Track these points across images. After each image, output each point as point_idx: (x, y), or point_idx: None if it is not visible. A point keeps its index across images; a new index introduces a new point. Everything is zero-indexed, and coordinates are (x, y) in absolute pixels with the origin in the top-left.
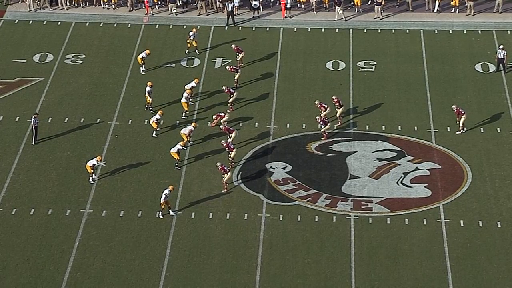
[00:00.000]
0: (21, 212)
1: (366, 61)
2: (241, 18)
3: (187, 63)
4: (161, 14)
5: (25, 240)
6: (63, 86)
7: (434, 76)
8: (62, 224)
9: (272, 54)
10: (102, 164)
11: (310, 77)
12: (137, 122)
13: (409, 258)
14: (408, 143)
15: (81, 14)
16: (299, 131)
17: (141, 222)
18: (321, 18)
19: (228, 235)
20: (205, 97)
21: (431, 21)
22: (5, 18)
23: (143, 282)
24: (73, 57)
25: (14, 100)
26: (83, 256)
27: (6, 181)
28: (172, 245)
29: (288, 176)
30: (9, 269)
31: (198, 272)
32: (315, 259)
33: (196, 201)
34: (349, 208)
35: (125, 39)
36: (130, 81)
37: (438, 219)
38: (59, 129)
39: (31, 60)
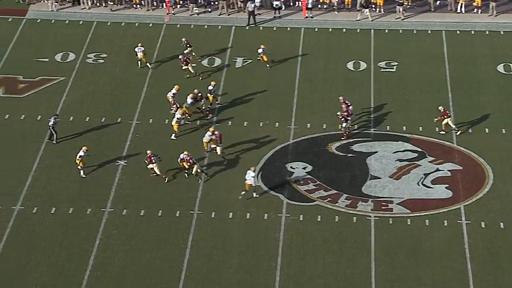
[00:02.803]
0: (42, 210)
1: (387, 62)
2: (262, 18)
3: (208, 63)
4: (182, 14)
5: (46, 239)
6: (84, 85)
7: (456, 77)
8: (83, 223)
9: (293, 54)
10: (122, 163)
11: (331, 77)
12: (157, 121)
13: (430, 259)
14: (429, 144)
15: (102, 13)
16: (320, 131)
17: (161, 221)
18: (343, 18)
19: (248, 235)
20: (226, 97)
21: (453, 21)
22: (27, 18)
23: (163, 281)
24: (95, 56)
25: (36, 99)
26: (104, 255)
27: (28, 180)
28: (192, 245)
29: (308, 176)
30: (30, 268)
31: (217, 272)
32: (335, 259)
33: (216, 201)
34: (369, 209)
35: (146, 39)
36: (151, 81)
37: (459, 220)
38: (80, 128)
39: (53, 59)
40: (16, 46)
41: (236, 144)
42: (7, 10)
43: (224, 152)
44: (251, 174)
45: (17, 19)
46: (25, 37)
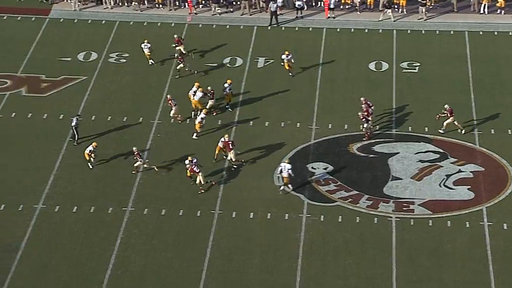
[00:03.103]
0: (64, 209)
1: (409, 62)
2: (284, 18)
3: (229, 63)
4: (204, 14)
5: (68, 237)
6: (106, 85)
7: (479, 77)
8: (104, 222)
9: (315, 54)
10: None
11: (352, 77)
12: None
13: (451, 261)
14: (451, 145)
15: (125, 13)
16: (341, 131)
17: (182, 220)
18: (365, 19)
19: (268, 235)
20: (247, 97)
21: (476, 22)
22: (50, 17)
23: (184, 280)
24: (117, 56)
25: (59, 98)
26: (125, 254)
27: (50, 178)
28: (213, 244)
29: (329, 177)
30: (51, 266)
31: (238, 272)
32: (356, 260)
33: (237, 201)
34: (390, 210)
35: (168, 38)
36: (173, 80)
37: (481, 222)
38: (102, 127)
39: (75, 59)
40: (39, 46)
41: (258, 144)
42: (30, 9)
43: (237, 160)
44: (287, 166)
45: (40, 19)
46: (48, 37)
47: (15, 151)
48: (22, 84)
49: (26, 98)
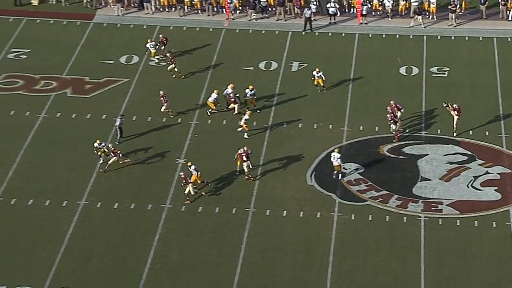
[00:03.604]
0: (106, 205)
1: (439, 67)
2: (318, 24)
3: (265, 66)
4: (241, 19)
5: (109, 233)
6: (147, 87)
7: (506, 82)
8: (144, 218)
9: (347, 59)
10: (182, 162)
11: (383, 81)
12: (216, 122)
13: (478, 260)
14: (479, 148)
15: (165, 18)
16: (372, 133)
17: (218, 217)
18: (396, 25)
19: (301, 232)
20: (282, 99)
21: (505, 29)
22: (94, 22)
23: (219, 275)
24: (158, 59)
25: (102, 99)
26: (163, 249)
27: (92, 176)
28: (247, 241)
29: (360, 177)
30: (93, 259)
31: (271, 267)
32: (385, 258)
33: (271, 199)
34: (419, 209)
35: (206, 43)
36: (211, 83)
37: (507, 222)
38: (142, 128)
39: (117, 62)
40: (83, 49)
41: (291, 145)
42: (75, 14)
43: (248, 173)
44: (337, 156)
45: (85, 23)
46: (91, 41)
47: (60, 149)
48: (67, 85)
49: (71, 99)
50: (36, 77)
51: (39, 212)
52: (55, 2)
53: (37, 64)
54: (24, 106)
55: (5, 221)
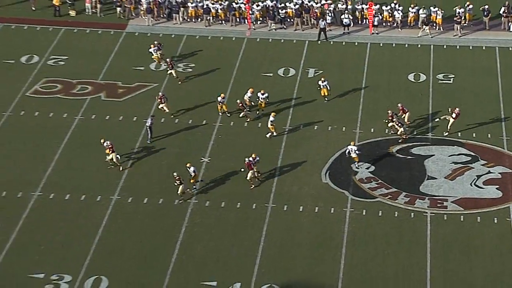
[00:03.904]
0: (136, 200)
1: (445, 74)
2: (332, 34)
3: (283, 73)
4: (262, 29)
5: (139, 225)
6: (174, 91)
7: (508, 88)
8: (171, 212)
9: (360, 66)
10: (206, 160)
11: (393, 87)
12: (238, 124)
13: (481, 254)
14: (481, 149)
15: (192, 28)
16: (382, 135)
17: (239, 212)
18: (405, 35)
19: (316, 226)
20: (299, 103)
21: (506, 39)
22: (126, 31)
23: (240, 266)
24: (184, 65)
25: (133, 102)
26: (188, 241)
27: (124, 173)
28: (266, 234)
29: (371, 175)
30: (124, 250)
31: (288, 259)
32: (394, 250)
33: (288, 195)
34: (426, 206)
35: (230, 51)
36: (233, 88)
37: (508, 218)
38: (170, 129)
39: (147, 68)
40: (116, 56)
41: (307, 145)
42: (109, 24)
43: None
44: (354, 148)
45: (118, 32)
46: (124, 48)
47: (94, 148)
48: (102, 89)
49: (105, 102)
50: (73, 81)
51: (75, 206)
52: (91, 13)
53: (74, 70)
54: (62, 108)
55: (44, 214)
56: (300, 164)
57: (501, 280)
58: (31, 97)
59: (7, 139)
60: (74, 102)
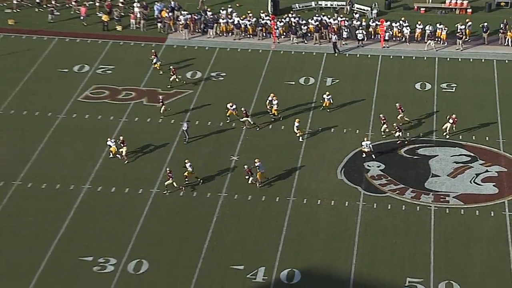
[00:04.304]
0: (173, 193)
1: (448, 84)
2: (348, 47)
3: (304, 81)
4: (285, 43)
5: (176, 215)
6: (208, 97)
7: (504, 97)
8: (204, 204)
9: (372, 76)
10: (235, 158)
11: (402, 95)
12: (263, 127)
13: (478, 243)
14: (480, 150)
15: (223, 41)
16: (391, 137)
17: (264, 205)
18: (413, 49)
19: (332, 218)
20: (318, 108)
21: (503, 53)
22: (166, 44)
23: (265, 252)
24: (216, 74)
25: (171, 107)
26: (219, 230)
27: (162, 169)
28: (288, 224)
29: (381, 173)
30: (162, 238)
31: (307, 247)
32: (402, 240)
33: (308, 190)
34: (430, 200)
35: (257, 62)
36: (260, 95)
37: (503, 212)
38: (204, 131)
39: (184, 76)
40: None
41: (325, 146)
42: (151, 38)
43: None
44: (367, 143)
45: (159, 45)
46: (164, 59)
47: (137, 147)
48: (144, 95)
49: (146, 106)
50: (119, 88)
51: (120, 198)
52: (135, 28)
53: (120, 78)
54: (109, 112)
55: (93, 205)
56: (318, 163)
57: (497, 266)
58: (82, 101)
59: (61, 138)
60: (120, 106)
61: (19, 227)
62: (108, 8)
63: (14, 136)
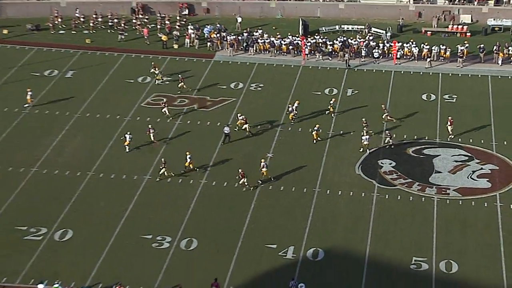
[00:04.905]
0: (218, 184)
1: (449, 95)
2: (366, 63)
3: (328, 92)
4: (313, 60)
5: (220, 202)
6: (248, 104)
7: (496, 107)
8: (244, 193)
9: (386, 88)
10: (270, 156)
11: (410, 104)
12: (294, 129)
13: (474, 229)
14: (476, 151)
15: (262, 58)
16: (401, 139)
17: (294, 194)
18: (421, 65)
19: (350, 206)
20: (340, 114)
21: (496, 70)
22: (214, 59)
23: (293, 236)
24: (255, 85)
25: (217, 112)
26: (256, 215)
27: (209, 163)
28: (314, 211)
29: (392, 169)
30: (208, 221)
31: (329, 229)
32: (408, 226)
33: (330, 182)
34: (433, 193)
35: (289, 75)
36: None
37: (495, 203)
38: (243, 133)
39: (229, 86)
40: (207, 77)
41: (346, 147)
42: (202, 54)
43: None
44: (367, 137)
45: (208, 60)
46: (212, 72)
47: (189, 145)
48: (195, 102)
49: (197, 111)
50: (174, 96)
51: (175, 187)
52: (189, 46)
53: (176, 87)
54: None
55: (153, 193)
56: (340, 160)
57: (489, 249)
58: (144, 107)
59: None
60: (175, 111)
61: (92, 210)
62: (168, 29)
63: (89, 134)
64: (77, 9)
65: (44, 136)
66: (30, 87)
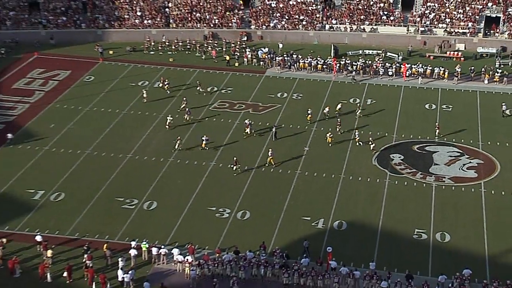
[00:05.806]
0: (266, 170)
1: (447, 105)
2: (381, 79)
3: (353, 101)
4: (342, 76)
5: (269, 184)
6: (290, 110)
7: (483, 115)
8: (285, 177)
9: (397, 99)
10: (307, 149)
11: (416, 112)
12: (325, 129)
13: (464, 210)
14: (467, 149)
15: (301, 74)
16: (408, 138)
17: (325, 179)
18: (425, 82)
19: (368, 190)
20: (361, 117)
21: (484, 87)
22: (265, 75)
23: (323, 209)
24: (296, 95)
25: (267, 115)
26: (295, 194)
27: (260, 155)
28: (339, 193)
29: (401, 161)
30: (258, 197)
31: (351, 206)
32: (413, 207)
33: (353, 170)
34: (432, 180)
35: (322, 88)
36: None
37: (480, 189)
38: (287, 133)
39: (276, 96)
40: (259, 89)
41: (366, 144)
42: (256, 70)
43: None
44: (357, 132)
45: (260, 76)
46: (263, 85)
47: (243, 143)
48: (250, 107)
49: (251, 114)
50: (234, 102)
51: (229, 173)
52: (247, 64)
53: (236, 96)
54: (228, 117)
55: (217, 176)
56: (360, 153)
57: (474, 224)
58: (212, 110)
59: (200, 134)
60: (235, 113)
61: (171, 186)
62: (233, 52)
63: (169, 131)
64: (164, 36)
65: (137, 131)
66: (130, 94)
